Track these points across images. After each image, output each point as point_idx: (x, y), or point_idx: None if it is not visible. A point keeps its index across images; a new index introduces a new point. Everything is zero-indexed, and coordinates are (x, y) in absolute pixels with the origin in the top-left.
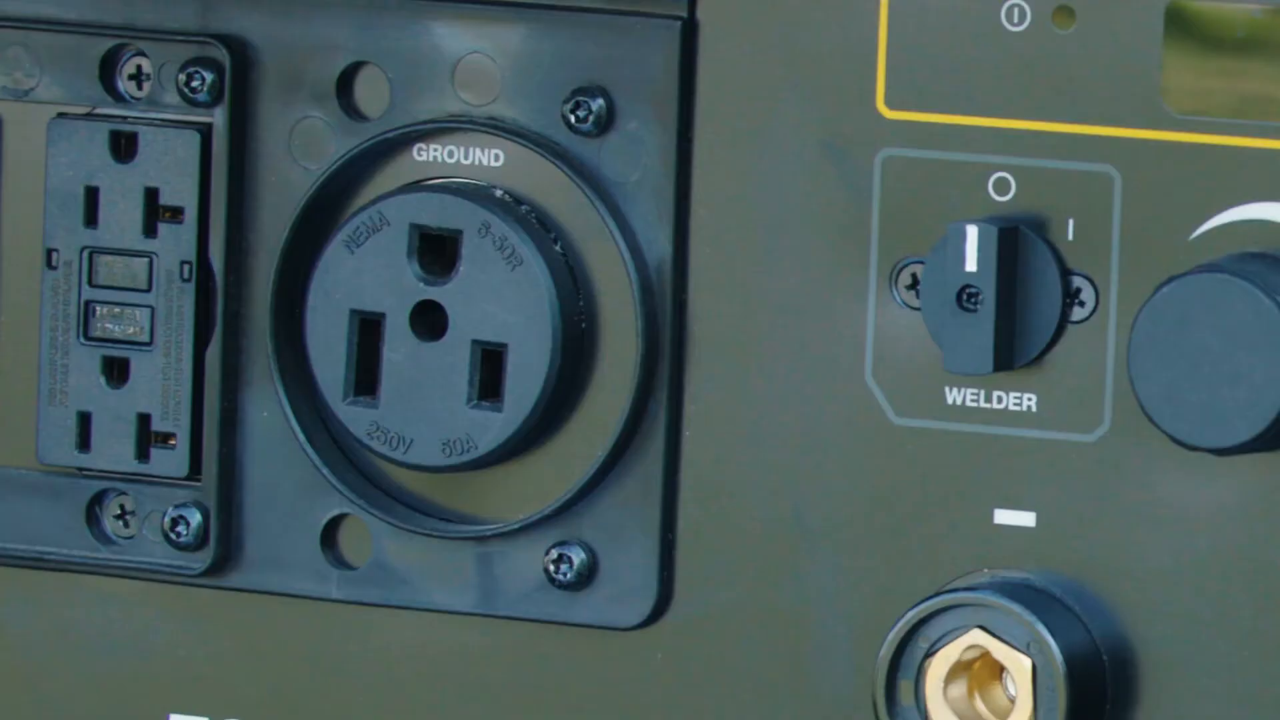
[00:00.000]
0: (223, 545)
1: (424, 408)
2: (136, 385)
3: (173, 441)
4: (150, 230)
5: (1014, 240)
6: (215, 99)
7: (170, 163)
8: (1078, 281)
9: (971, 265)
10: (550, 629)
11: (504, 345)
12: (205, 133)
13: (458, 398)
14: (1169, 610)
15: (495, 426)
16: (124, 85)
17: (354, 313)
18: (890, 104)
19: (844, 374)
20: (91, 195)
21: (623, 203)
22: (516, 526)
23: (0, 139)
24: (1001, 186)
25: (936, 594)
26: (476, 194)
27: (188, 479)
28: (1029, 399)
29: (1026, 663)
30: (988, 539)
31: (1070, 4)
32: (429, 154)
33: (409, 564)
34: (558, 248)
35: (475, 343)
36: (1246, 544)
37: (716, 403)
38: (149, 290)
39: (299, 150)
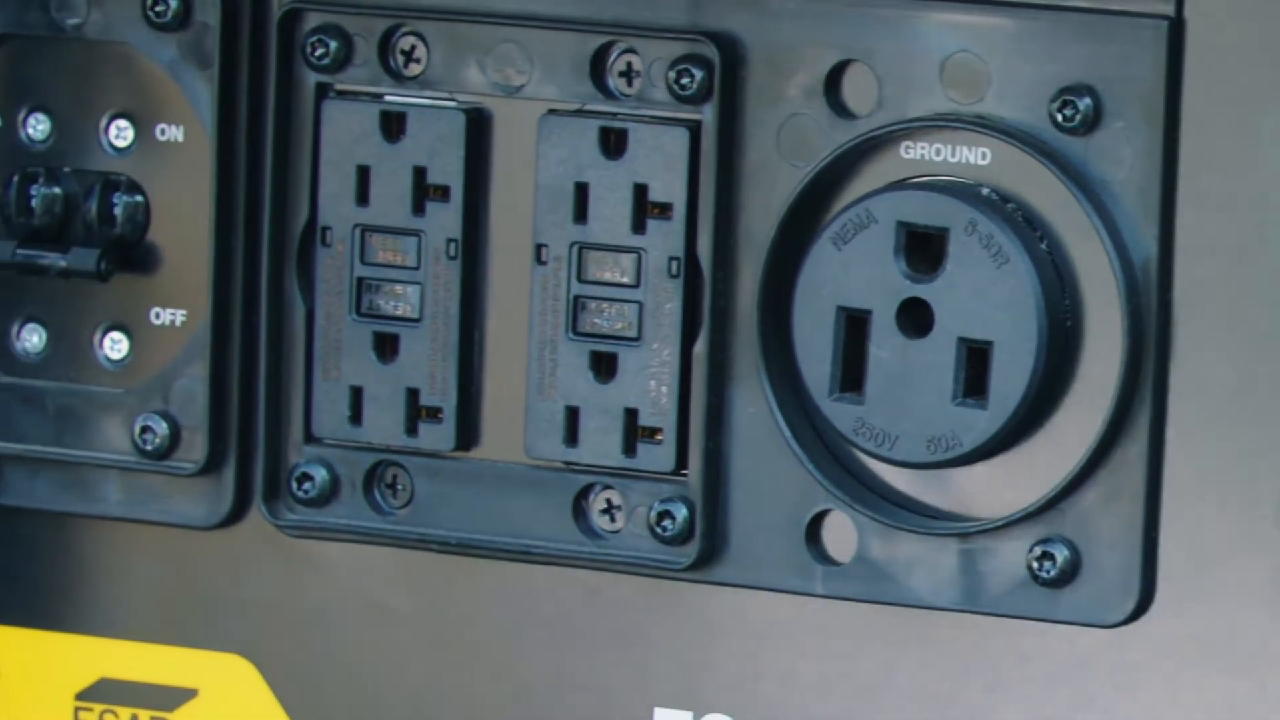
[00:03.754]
0: (708, 540)
1: (909, 405)
2: (624, 380)
3: (660, 436)
4: (639, 227)
5: None
6: (704, 96)
7: (659, 159)
8: None
9: None
10: (1031, 626)
11: (989, 343)
12: (694, 129)
13: (943, 395)
14: None
15: (980, 424)
16: (614, 82)
17: (840, 309)
18: None
19: None
20: (581, 191)
21: (1109, 201)
22: (1000, 523)
23: (490, 135)
24: None
25: None
26: (964, 192)
27: (674, 474)
28: None
29: None
30: None
31: None
32: (916, 152)
33: (893, 560)
34: (1043, 246)
35: (961, 340)
36: None
37: (1201, 402)
38: (637, 286)
39: (787, 147)
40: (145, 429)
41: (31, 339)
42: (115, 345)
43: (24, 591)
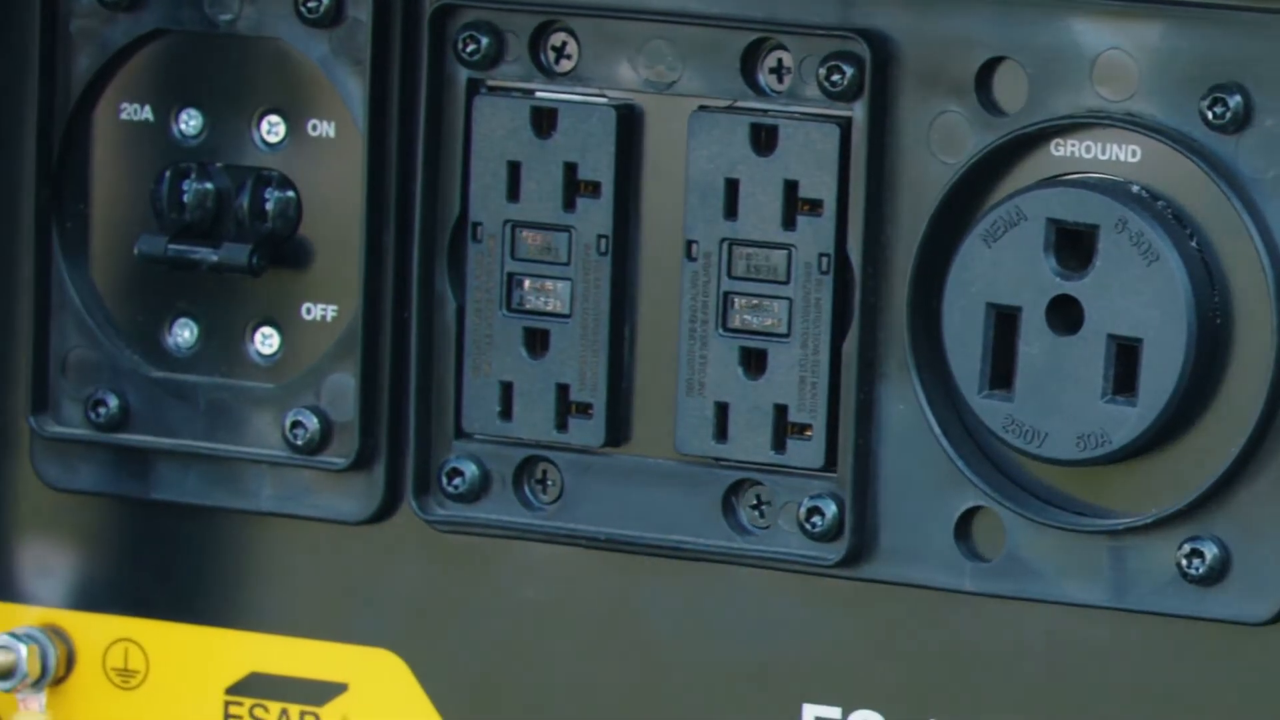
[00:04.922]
0: (857, 536)
1: (1059, 401)
2: (773, 376)
3: (809, 433)
4: (789, 223)
5: None
6: (855, 93)
7: (810, 156)
8: None
9: None
10: (1180, 623)
11: (1139, 340)
12: (845, 126)
13: (1092, 392)
14: None
15: (1130, 421)
16: (765, 79)
17: (990, 306)
18: None
19: None
20: (731, 187)
21: (1259, 199)
22: (1149, 521)
23: (641, 132)
24: None
25: None
26: (1114, 189)
27: (823, 470)
28: None
29: None
30: None
31: None
32: (1066, 149)
33: (1042, 557)
34: (1193, 243)
35: (1110, 337)
36: None
37: None
38: (787, 282)
39: (937, 144)
40: (296, 424)
41: (183, 334)
42: (266, 340)
43: (175, 586)
